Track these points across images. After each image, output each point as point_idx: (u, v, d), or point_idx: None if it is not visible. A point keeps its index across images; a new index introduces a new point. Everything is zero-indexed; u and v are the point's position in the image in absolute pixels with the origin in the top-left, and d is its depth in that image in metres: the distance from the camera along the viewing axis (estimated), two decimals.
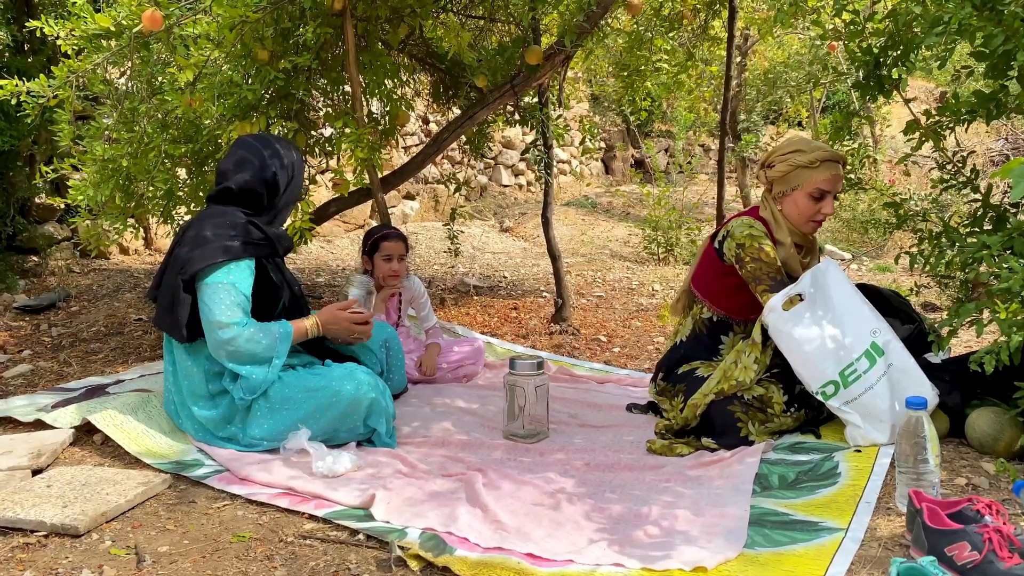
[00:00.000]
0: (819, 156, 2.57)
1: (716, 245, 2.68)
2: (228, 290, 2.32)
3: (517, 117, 4.17)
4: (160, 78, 3.06)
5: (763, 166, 2.72)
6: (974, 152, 3.18)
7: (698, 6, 4.27)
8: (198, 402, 2.41)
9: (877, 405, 2.34)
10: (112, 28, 2.83)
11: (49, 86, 2.80)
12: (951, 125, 2.51)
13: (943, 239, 2.50)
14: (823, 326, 2.41)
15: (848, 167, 2.85)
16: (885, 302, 2.87)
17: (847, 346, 2.38)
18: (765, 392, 2.48)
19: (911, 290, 2.83)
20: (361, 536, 1.91)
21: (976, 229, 2.51)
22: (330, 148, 3.62)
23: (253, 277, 2.40)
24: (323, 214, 3.89)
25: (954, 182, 2.64)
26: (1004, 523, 1.67)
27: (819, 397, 2.43)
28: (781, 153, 2.64)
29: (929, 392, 2.34)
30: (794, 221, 2.64)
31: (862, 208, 7.29)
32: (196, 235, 2.37)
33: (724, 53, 4.53)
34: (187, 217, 3.37)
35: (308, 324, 2.47)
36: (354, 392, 2.38)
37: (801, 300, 2.47)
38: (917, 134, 2.55)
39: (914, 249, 2.56)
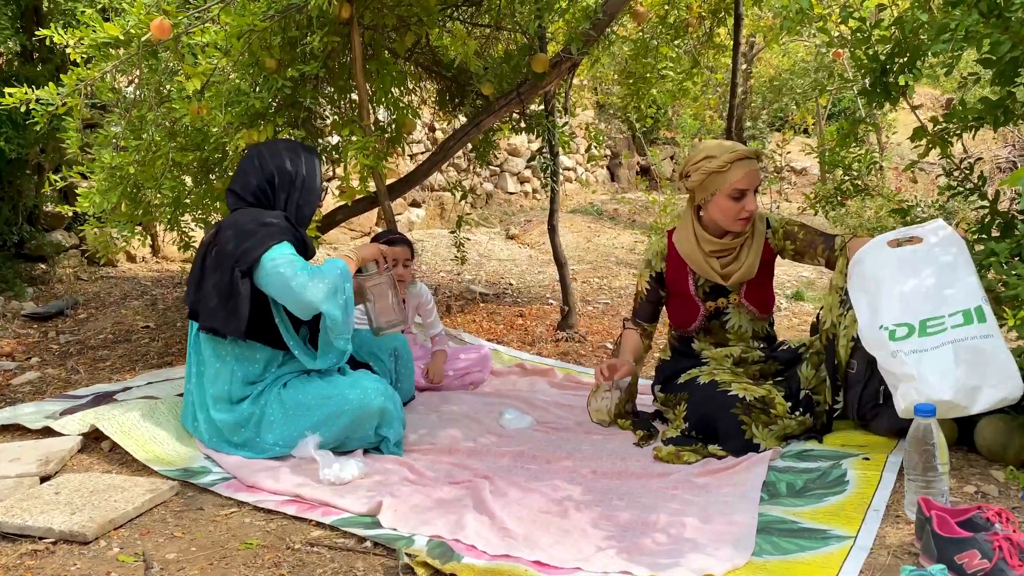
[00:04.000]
0: (728, 158, 2.55)
1: None
2: (283, 257, 2.37)
3: (523, 125, 4.18)
4: (168, 86, 3.08)
5: (681, 177, 2.70)
6: (981, 159, 3.18)
7: (703, 14, 4.28)
8: (218, 405, 2.42)
9: (945, 361, 2.11)
10: (121, 37, 2.84)
11: (58, 94, 2.82)
12: (958, 132, 2.51)
13: None
14: (927, 272, 2.23)
15: (855, 174, 2.85)
16: None
17: (947, 297, 2.18)
18: (767, 394, 2.47)
19: None
20: (368, 543, 1.91)
21: (984, 236, 2.50)
22: (337, 156, 3.63)
23: None
24: (329, 222, 3.90)
25: (961, 189, 2.64)
26: (1014, 531, 1.67)
27: (883, 334, 2.22)
28: (694, 162, 2.62)
29: (1012, 382, 2.09)
30: (723, 224, 2.63)
31: (869, 215, 7.27)
32: (236, 232, 2.39)
33: (729, 61, 4.54)
34: (193, 224, 3.39)
35: (348, 254, 2.54)
36: (366, 399, 2.40)
37: (919, 242, 2.28)
38: (924, 141, 2.55)
39: None
